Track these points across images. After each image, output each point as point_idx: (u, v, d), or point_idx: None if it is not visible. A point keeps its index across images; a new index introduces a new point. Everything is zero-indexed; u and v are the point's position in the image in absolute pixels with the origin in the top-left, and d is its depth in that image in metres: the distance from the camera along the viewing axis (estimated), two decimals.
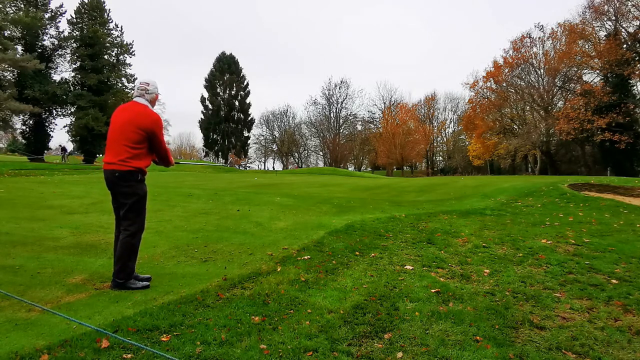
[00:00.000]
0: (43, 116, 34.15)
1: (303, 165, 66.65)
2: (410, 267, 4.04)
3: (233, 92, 59.41)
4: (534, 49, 40.70)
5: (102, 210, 7.00)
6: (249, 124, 60.92)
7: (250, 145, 65.00)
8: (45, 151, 37.94)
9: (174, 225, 5.94)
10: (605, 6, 33.47)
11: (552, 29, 39.42)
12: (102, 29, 35.71)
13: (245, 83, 60.34)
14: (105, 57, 36.37)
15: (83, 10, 36.12)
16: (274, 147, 69.08)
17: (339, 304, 3.00)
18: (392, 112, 60.20)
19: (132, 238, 3.22)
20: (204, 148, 61.56)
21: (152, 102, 3.40)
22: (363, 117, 66.84)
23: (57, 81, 34.81)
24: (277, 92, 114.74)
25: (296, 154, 69.35)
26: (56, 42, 35.02)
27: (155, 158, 3.42)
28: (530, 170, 46.14)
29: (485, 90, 45.00)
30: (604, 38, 34.27)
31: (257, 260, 4.14)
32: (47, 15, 33.79)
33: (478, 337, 2.46)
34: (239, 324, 2.56)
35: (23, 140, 34.41)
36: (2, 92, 27.41)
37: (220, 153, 59.74)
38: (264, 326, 2.54)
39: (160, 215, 6.71)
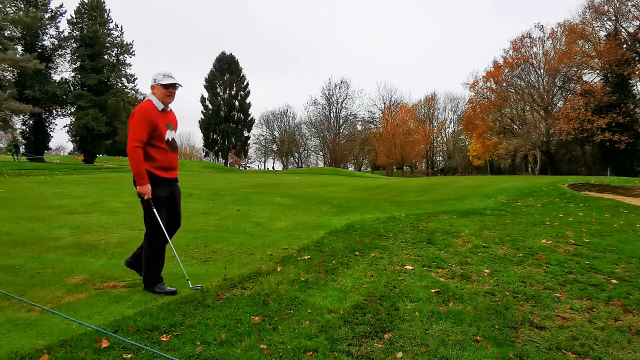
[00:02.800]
0: (43, 116, 34.17)
1: (303, 165, 66.64)
2: (410, 267, 4.04)
3: (233, 92, 59.43)
4: (534, 49, 40.78)
5: (102, 210, 6.99)
6: (249, 124, 60.93)
7: (250, 145, 65.11)
8: (46, 151, 37.99)
9: None
10: (605, 6, 33.49)
11: (552, 29, 39.50)
12: (102, 29, 35.70)
13: (245, 83, 60.38)
14: (105, 57, 36.36)
15: (83, 10, 36.12)
16: (274, 147, 69.08)
17: (339, 304, 3.00)
18: (392, 112, 60.17)
19: (147, 244, 3.12)
20: (204, 148, 61.61)
21: (156, 94, 3.11)
22: (363, 117, 66.94)
23: (57, 81, 34.82)
24: (277, 92, 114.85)
25: (296, 154, 69.35)
26: (56, 42, 35.02)
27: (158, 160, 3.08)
28: (530, 170, 46.13)
29: (485, 90, 45.03)
30: (604, 38, 34.28)
31: (257, 260, 4.14)
32: (47, 15, 33.79)
33: (478, 337, 2.46)
34: (239, 324, 2.56)
35: (23, 140, 34.43)
36: (2, 92, 27.41)
37: (220, 153, 59.76)
38: (264, 326, 2.54)
39: None
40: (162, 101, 3.10)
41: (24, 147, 32.50)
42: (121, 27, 37.80)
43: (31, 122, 34.03)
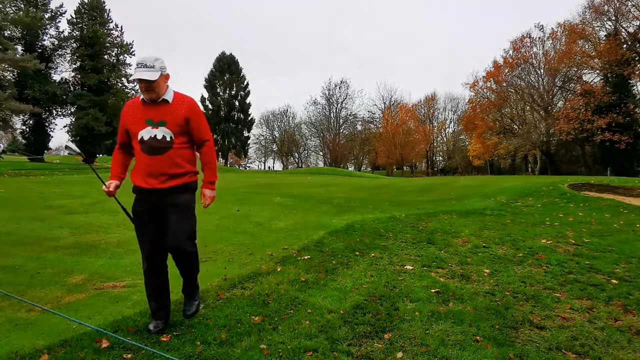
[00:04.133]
0: (43, 116, 34.16)
1: (303, 165, 66.62)
2: (410, 267, 4.04)
3: (233, 92, 59.41)
4: (534, 49, 40.80)
5: (102, 210, 6.99)
6: (249, 124, 60.91)
7: (250, 145, 65.06)
8: (46, 151, 37.98)
9: None
10: (605, 6, 33.50)
11: (552, 29, 39.52)
12: (102, 29, 35.69)
13: (245, 83, 60.35)
14: (105, 57, 36.36)
15: (83, 10, 36.11)
16: (274, 147, 69.06)
17: (339, 304, 3.00)
18: (392, 112, 60.16)
19: None
20: None
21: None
22: (363, 117, 66.88)
23: (57, 81, 34.81)
24: (277, 92, 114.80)
25: (296, 154, 69.33)
26: (56, 42, 35.02)
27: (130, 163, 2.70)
28: (530, 170, 46.13)
29: (485, 90, 45.03)
30: (604, 38, 34.28)
31: (257, 260, 4.14)
32: (47, 15, 33.79)
33: (478, 337, 2.46)
34: (239, 324, 2.56)
35: (23, 140, 34.40)
36: (2, 92, 27.41)
37: (220, 153, 59.74)
38: (264, 326, 2.54)
39: None
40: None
41: (2, 144, 32.27)
42: (121, 27, 37.84)
43: (31, 122, 34.02)
